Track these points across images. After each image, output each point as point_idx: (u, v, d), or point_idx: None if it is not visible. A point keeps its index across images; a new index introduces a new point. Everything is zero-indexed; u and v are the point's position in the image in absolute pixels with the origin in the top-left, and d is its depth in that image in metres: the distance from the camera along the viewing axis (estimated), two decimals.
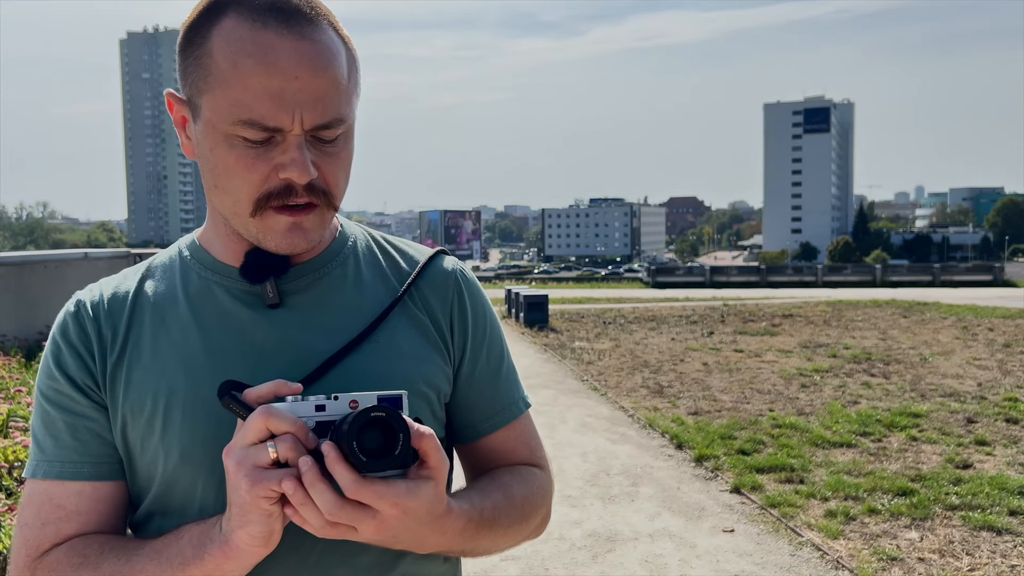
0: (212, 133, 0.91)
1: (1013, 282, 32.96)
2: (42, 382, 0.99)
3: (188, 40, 0.93)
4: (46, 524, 0.95)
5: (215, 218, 1.01)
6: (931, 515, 4.87)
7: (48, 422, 0.98)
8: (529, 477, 1.09)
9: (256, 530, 0.82)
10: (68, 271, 11.43)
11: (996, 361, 10.42)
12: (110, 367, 0.97)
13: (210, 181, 0.94)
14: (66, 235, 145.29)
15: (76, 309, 1.01)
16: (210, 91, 0.89)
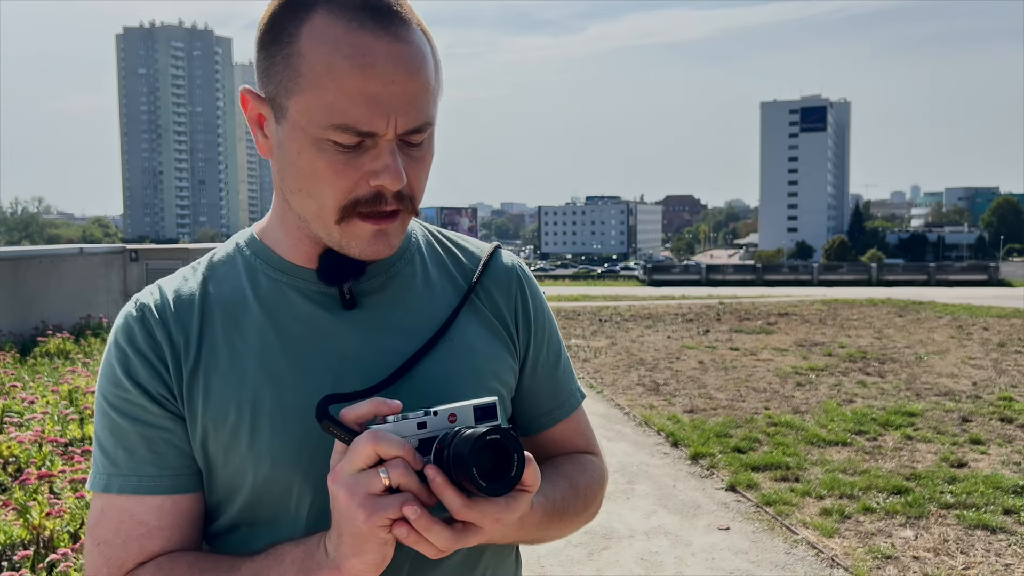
0: (300, 136, 0.88)
1: (1008, 282, 33.05)
2: (108, 391, 0.94)
3: (273, 37, 0.89)
4: (128, 541, 0.92)
5: (288, 219, 0.97)
6: (926, 514, 4.88)
7: (119, 433, 0.93)
8: (589, 466, 1.11)
9: (371, 558, 0.80)
10: (63, 266, 11.40)
11: (991, 360, 10.45)
12: (186, 376, 0.93)
13: (293, 184, 0.91)
14: (61, 230, 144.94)
15: (141, 313, 0.96)
16: (300, 93, 0.86)
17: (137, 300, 0.99)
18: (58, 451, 4.85)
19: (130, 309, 0.98)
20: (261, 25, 0.91)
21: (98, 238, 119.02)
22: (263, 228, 1.02)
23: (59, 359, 8.74)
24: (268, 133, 0.93)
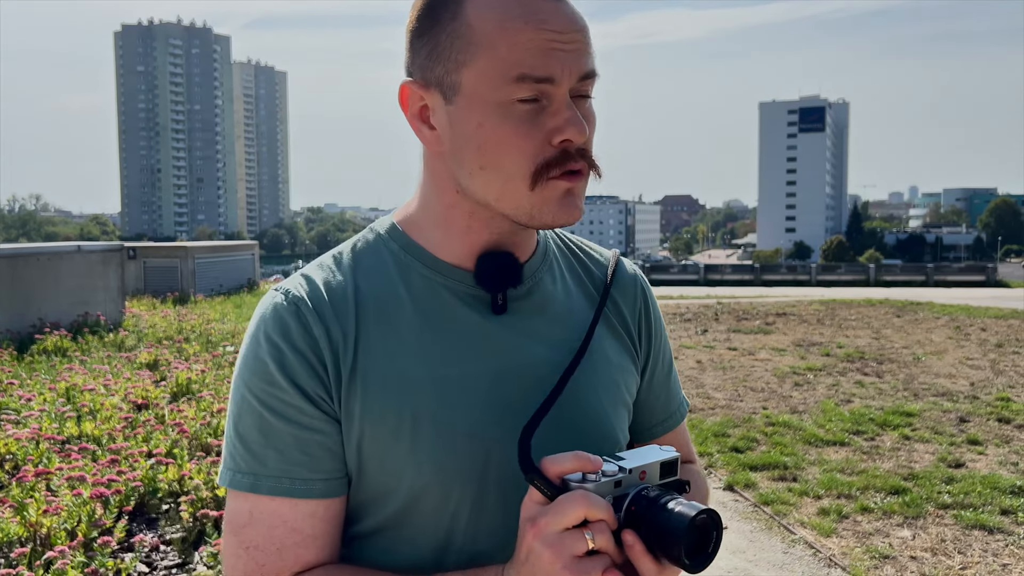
0: (479, 106, 0.87)
1: (1006, 283, 33.08)
2: (259, 387, 0.90)
3: (433, 19, 0.90)
4: (283, 550, 0.89)
5: (454, 214, 0.95)
6: (923, 514, 4.88)
7: (270, 432, 0.89)
8: (697, 477, 1.12)
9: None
10: (61, 264, 11.38)
11: (988, 361, 10.45)
12: (345, 377, 0.90)
13: (474, 163, 0.89)
14: (59, 228, 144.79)
15: (295, 307, 0.92)
16: (473, 61, 0.87)
17: (287, 292, 0.94)
18: (55, 448, 4.84)
19: (279, 301, 0.93)
20: (416, 13, 0.92)
21: (96, 236, 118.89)
22: (409, 223, 0.99)
23: (56, 357, 8.72)
24: (436, 123, 0.91)
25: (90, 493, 3.89)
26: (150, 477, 4.36)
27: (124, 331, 10.72)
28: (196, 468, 4.45)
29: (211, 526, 3.87)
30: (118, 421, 5.46)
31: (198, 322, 11.71)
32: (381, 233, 1.00)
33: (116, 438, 5.09)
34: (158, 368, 7.82)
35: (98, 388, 6.51)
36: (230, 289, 19.08)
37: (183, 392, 6.57)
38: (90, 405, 5.87)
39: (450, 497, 0.91)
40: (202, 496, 4.12)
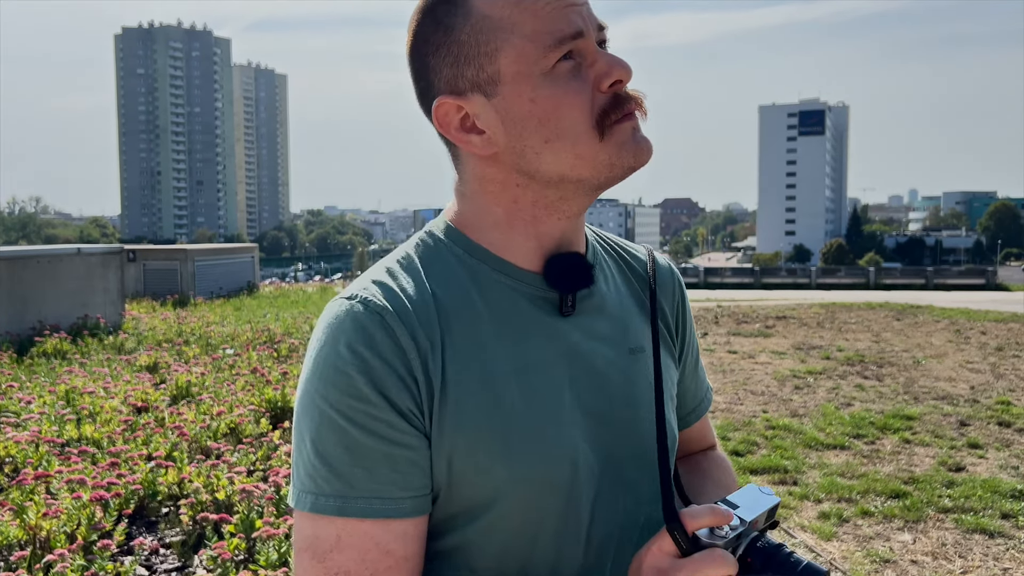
0: (526, 82, 0.87)
1: (1006, 286, 33.09)
2: (343, 403, 0.85)
3: (445, 28, 0.89)
4: (376, 574, 0.85)
5: (517, 212, 0.94)
6: (924, 517, 4.88)
7: (358, 450, 0.85)
8: (723, 464, 1.15)
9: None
10: (61, 266, 11.38)
11: (988, 364, 10.45)
12: (436, 389, 0.87)
13: (539, 138, 0.88)
14: (59, 230, 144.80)
15: (380, 316, 0.87)
16: (506, 44, 0.87)
17: (366, 300, 0.89)
18: (55, 451, 4.84)
19: (358, 308, 0.88)
20: (421, 33, 0.91)
21: (95, 238, 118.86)
22: (465, 225, 0.96)
23: (56, 359, 8.72)
24: (484, 125, 0.90)
25: (90, 496, 3.89)
26: (150, 480, 4.36)
27: (124, 333, 10.72)
28: (196, 471, 4.45)
29: (211, 529, 3.86)
30: (118, 424, 5.46)
31: (198, 325, 11.71)
32: (440, 236, 0.97)
33: (116, 441, 5.09)
34: (158, 371, 7.81)
35: (98, 391, 6.51)
36: (230, 292, 19.08)
37: (183, 395, 6.56)
38: (90, 408, 5.87)
39: (540, 508, 0.89)
40: (202, 499, 4.11)
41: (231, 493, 4.10)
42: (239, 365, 7.88)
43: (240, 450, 4.91)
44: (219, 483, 4.23)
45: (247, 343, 9.65)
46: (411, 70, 0.94)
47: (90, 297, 11.67)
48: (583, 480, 0.91)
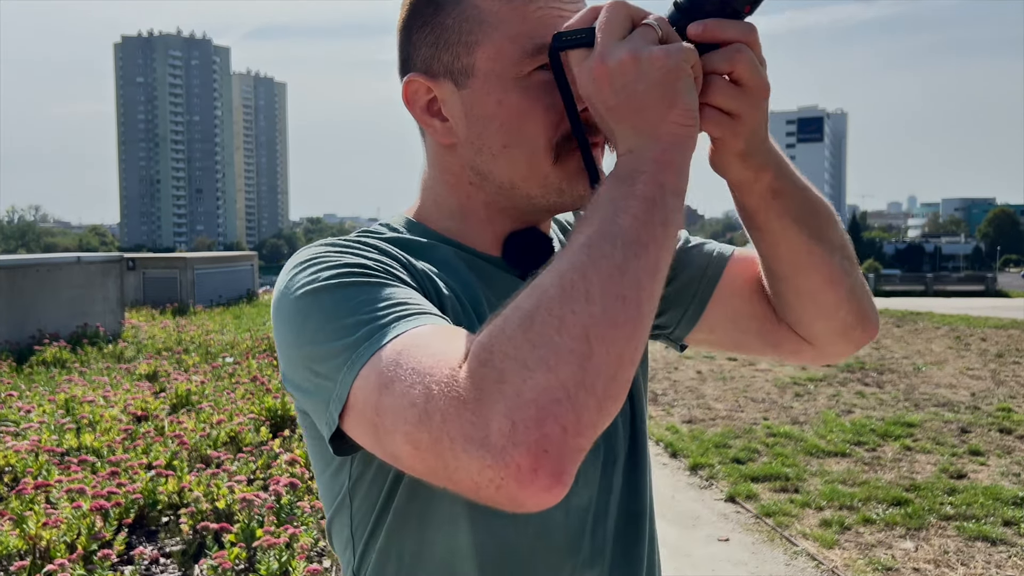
0: (497, 83, 0.86)
1: (1005, 292, 33.11)
2: (355, 264, 0.81)
3: (435, 7, 0.88)
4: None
5: (472, 204, 0.93)
6: (926, 525, 4.87)
7: (386, 294, 0.79)
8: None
9: (687, 100, 0.74)
10: (60, 275, 11.38)
11: (989, 371, 10.44)
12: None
13: (497, 143, 0.87)
14: (58, 239, 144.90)
15: (365, 238, 0.89)
16: (486, 40, 0.86)
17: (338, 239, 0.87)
18: (55, 460, 4.82)
19: (333, 239, 0.86)
20: (410, 8, 0.90)
21: (94, 247, 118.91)
22: (424, 216, 0.96)
23: (55, 368, 8.71)
24: (448, 113, 0.89)
25: (90, 506, 3.88)
26: (150, 489, 4.34)
27: (123, 342, 10.71)
28: (196, 480, 4.43)
29: (211, 539, 3.85)
30: (118, 433, 5.45)
31: (197, 333, 11.70)
32: (395, 226, 0.95)
33: (116, 450, 5.08)
34: (157, 379, 7.80)
35: (97, 399, 6.50)
36: (229, 300, 19.07)
37: (183, 403, 6.55)
38: (89, 417, 5.85)
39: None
40: (202, 508, 4.10)
41: (231, 502, 4.09)
42: (239, 373, 7.87)
43: (240, 459, 4.90)
44: (219, 492, 4.22)
45: (247, 351, 9.65)
46: (397, 40, 0.93)
47: (90, 306, 11.67)
48: None
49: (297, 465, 4.70)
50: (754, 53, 0.78)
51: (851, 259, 0.97)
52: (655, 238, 0.70)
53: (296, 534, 3.69)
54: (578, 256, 0.68)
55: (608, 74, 0.74)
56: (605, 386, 0.64)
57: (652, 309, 0.69)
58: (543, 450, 0.62)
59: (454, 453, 0.64)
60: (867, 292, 1.00)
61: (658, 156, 0.73)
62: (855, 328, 1.00)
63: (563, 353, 0.63)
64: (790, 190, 0.90)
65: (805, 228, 0.92)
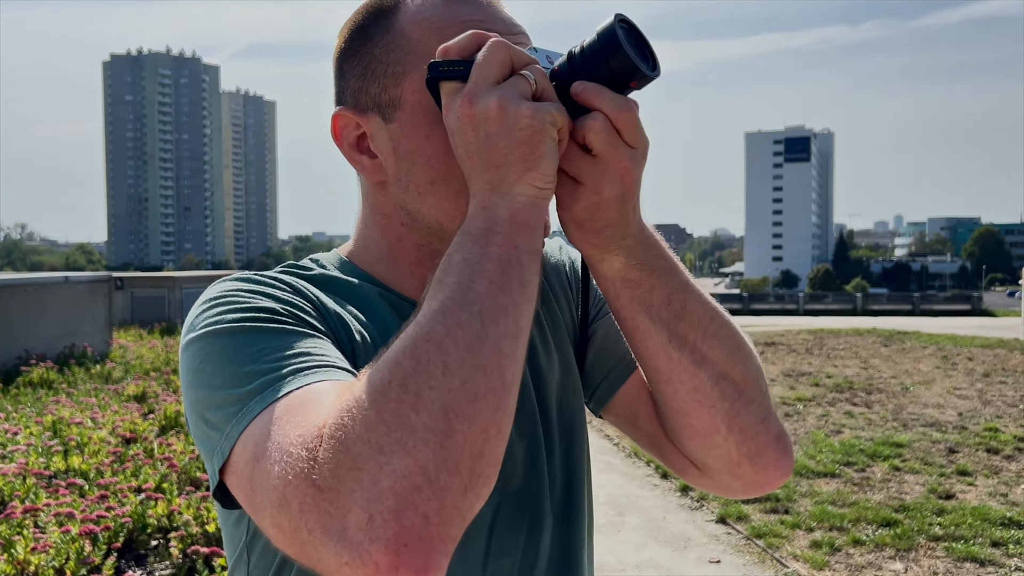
0: (424, 116, 0.82)
1: (991, 311, 33.34)
2: (252, 310, 0.79)
3: (364, 38, 0.85)
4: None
5: (403, 247, 0.90)
6: (915, 546, 4.88)
7: (285, 339, 0.78)
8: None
9: (548, 165, 0.71)
10: (48, 295, 11.33)
11: (976, 391, 10.51)
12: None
13: (423, 180, 0.84)
14: (44, 257, 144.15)
15: (276, 277, 0.86)
16: (414, 70, 0.82)
17: (252, 274, 0.85)
18: (42, 484, 4.79)
19: (248, 275, 0.84)
20: (343, 37, 0.88)
21: (81, 265, 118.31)
22: (355, 256, 0.93)
23: (42, 389, 8.65)
24: (376, 148, 0.86)
25: (79, 530, 3.85)
26: (139, 513, 4.32)
27: (111, 362, 10.65)
28: (185, 503, 4.41)
29: (201, 563, 3.83)
30: (106, 455, 5.42)
31: None
32: (326, 264, 0.93)
33: (104, 472, 5.04)
34: (146, 400, 7.76)
35: (85, 421, 6.46)
36: None
37: (171, 425, 6.52)
38: (77, 439, 5.82)
39: None
40: (192, 532, 4.08)
41: None
42: None
43: None
44: (209, 515, 4.20)
45: None
46: (333, 69, 0.90)
47: (77, 326, 11.61)
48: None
49: None
50: (624, 129, 0.74)
51: (739, 386, 0.85)
52: (514, 301, 0.67)
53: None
54: (433, 325, 0.64)
55: (473, 118, 0.71)
56: (471, 465, 0.61)
57: (517, 374, 0.66)
58: (403, 544, 0.58)
59: (313, 546, 0.61)
60: (767, 430, 0.87)
61: (512, 216, 0.70)
62: (742, 465, 0.88)
63: (421, 433, 0.60)
64: (650, 283, 0.82)
65: (665, 330, 0.83)
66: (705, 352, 0.83)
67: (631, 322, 0.84)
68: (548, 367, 0.96)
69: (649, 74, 0.74)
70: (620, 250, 0.80)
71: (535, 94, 0.72)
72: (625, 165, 0.74)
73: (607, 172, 0.75)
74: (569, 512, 0.94)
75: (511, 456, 0.88)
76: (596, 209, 0.76)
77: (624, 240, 0.79)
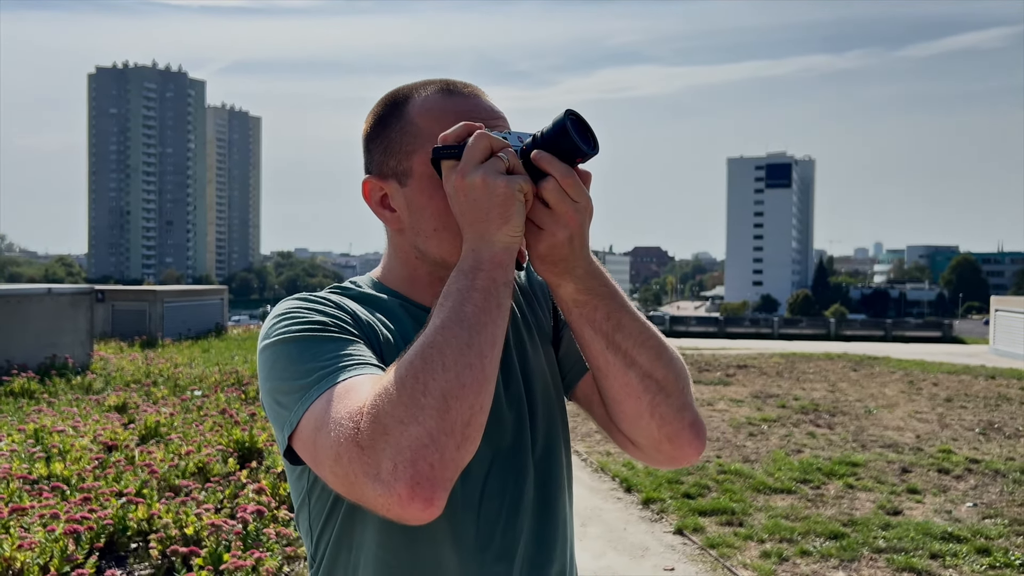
0: (429, 182, 1.13)
1: (962, 339, 33.85)
2: (310, 322, 1.10)
3: (384, 125, 1.17)
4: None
5: (415, 274, 1.21)
6: (858, 557, 5.16)
7: (332, 344, 1.08)
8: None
9: (517, 222, 1.01)
10: (30, 307, 11.46)
11: (936, 414, 10.83)
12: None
13: (429, 228, 1.15)
14: (23, 268, 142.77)
15: (325, 297, 1.17)
16: (421, 148, 1.13)
17: (311, 295, 1.16)
18: (26, 488, 4.97)
19: (306, 295, 1.16)
20: (368, 125, 1.20)
21: (61, 277, 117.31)
22: (384, 278, 1.24)
23: (24, 399, 8.79)
24: (395, 205, 1.17)
25: (63, 529, 4.05)
26: (120, 516, 4.51)
27: (92, 374, 10.79)
28: (165, 508, 4.61)
29: (179, 562, 4.03)
30: (88, 462, 5.59)
31: (166, 366, 11.79)
32: (363, 285, 1.24)
33: (86, 478, 5.23)
34: (126, 411, 7.93)
35: (67, 430, 6.63)
36: (198, 333, 19.09)
37: (152, 435, 6.70)
38: (60, 446, 5.99)
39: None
40: (171, 534, 4.28)
41: (200, 528, 4.28)
42: (207, 407, 8.03)
43: (208, 488, 5.08)
44: (188, 519, 4.40)
45: (215, 385, 9.78)
46: (362, 147, 1.22)
47: (59, 337, 11.73)
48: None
49: (264, 494, 4.89)
50: (568, 189, 1.03)
51: (661, 383, 1.15)
52: (492, 319, 0.98)
53: (262, 558, 3.90)
54: (435, 336, 0.96)
55: (465, 188, 1.02)
56: (462, 431, 0.92)
57: (494, 368, 0.97)
58: (416, 483, 0.89)
59: (358, 485, 0.91)
60: (682, 417, 1.16)
61: (492, 257, 1.01)
62: (662, 443, 1.18)
63: (427, 410, 0.90)
64: (594, 303, 1.11)
65: (604, 339, 1.12)
66: (634, 356, 1.13)
67: (579, 332, 1.14)
68: (534, 358, 1.27)
69: (590, 152, 1.05)
70: (572, 278, 1.10)
71: (508, 169, 1.02)
72: (571, 215, 1.04)
73: (559, 220, 1.05)
74: (548, 467, 1.23)
75: (503, 423, 1.18)
76: (553, 248, 1.06)
77: (575, 271, 1.09)
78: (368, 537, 1.13)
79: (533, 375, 1.26)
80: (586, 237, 1.08)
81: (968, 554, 5.21)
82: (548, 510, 1.22)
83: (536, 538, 1.19)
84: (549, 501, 1.22)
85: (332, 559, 1.16)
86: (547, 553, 1.21)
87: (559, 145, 1.03)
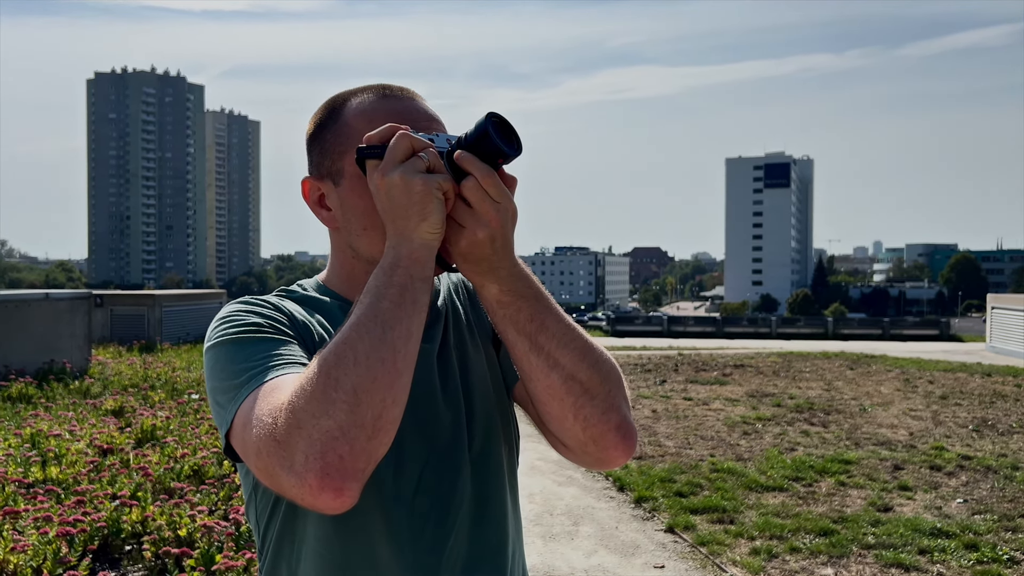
0: (359, 182, 1.16)
1: (959, 337, 33.89)
2: (246, 323, 1.15)
3: (322, 126, 1.22)
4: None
5: (353, 273, 1.24)
6: (847, 553, 5.20)
7: (264, 344, 1.13)
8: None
9: (436, 219, 1.02)
10: (29, 311, 11.50)
11: (931, 412, 10.87)
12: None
13: (359, 227, 1.19)
14: (24, 274, 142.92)
15: (264, 300, 1.20)
16: (351, 149, 1.16)
17: (249, 298, 1.20)
18: (21, 491, 5.02)
19: (245, 298, 1.20)
20: (311, 126, 1.24)
21: (61, 282, 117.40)
22: (326, 280, 1.29)
23: (21, 403, 8.84)
24: (331, 204, 1.21)
25: (56, 532, 4.09)
26: (114, 518, 4.56)
27: (90, 378, 10.83)
28: (159, 510, 4.66)
29: (172, 563, 4.08)
30: (83, 465, 5.64)
31: (164, 370, 11.83)
32: (307, 287, 1.28)
33: (81, 481, 5.27)
34: (123, 415, 7.98)
35: (63, 434, 6.67)
36: (197, 338, 19.11)
37: (148, 438, 6.74)
38: (55, 450, 6.04)
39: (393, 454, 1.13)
40: (164, 536, 4.32)
41: (192, 530, 4.32)
42: (203, 410, 8.07)
43: (203, 490, 5.12)
44: (181, 521, 4.44)
45: None
46: (305, 147, 1.26)
47: (57, 342, 11.78)
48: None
49: None
50: (488, 188, 1.05)
51: (585, 385, 1.13)
52: (407, 315, 1.00)
53: (254, 559, 3.94)
54: (349, 332, 0.99)
55: (385, 186, 1.04)
56: (373, 423, 0.94)
57: (409, 362, 0.99)
58: (326, 474, 0.92)
59: (276, 476, 0.96)
60: (607, 420, 1.15)
61: (411, 254, 1.03)
62: (588, 445, 1.16)
63: (338, 404, 0.94)
64: (517, 305, 1.11)
65: (528, 341, 1.12)
66: (557, 358, 1.12)
67: (504, 334, 1.14)
68: (475, 358, 1.29)
69: (511, 154, 1.08)
70: (495, 279, 1.10)
71: (428, 168, 1.04)
72: (492, 214, 1.05)
73: (480, 219, 1.05)
74: (486, 466, 1.24)
75: (439, 421, 1.20)
76: (473, 245, 1.06)
77: (498, 272, 1.09)
78: (308, 531, 1.17)
79: (472, 375, 1.28)
80: (509, 238, 1.09)
81: (956, 549, 5.26)
82: (485, 508, 1.24)
83: (471, 535, 1.21)
84: (486, 500, 1.24)
85: (276, 551, 1.20)
86: (481, 549, 1.22)
87: (481, 146, 1.05)
